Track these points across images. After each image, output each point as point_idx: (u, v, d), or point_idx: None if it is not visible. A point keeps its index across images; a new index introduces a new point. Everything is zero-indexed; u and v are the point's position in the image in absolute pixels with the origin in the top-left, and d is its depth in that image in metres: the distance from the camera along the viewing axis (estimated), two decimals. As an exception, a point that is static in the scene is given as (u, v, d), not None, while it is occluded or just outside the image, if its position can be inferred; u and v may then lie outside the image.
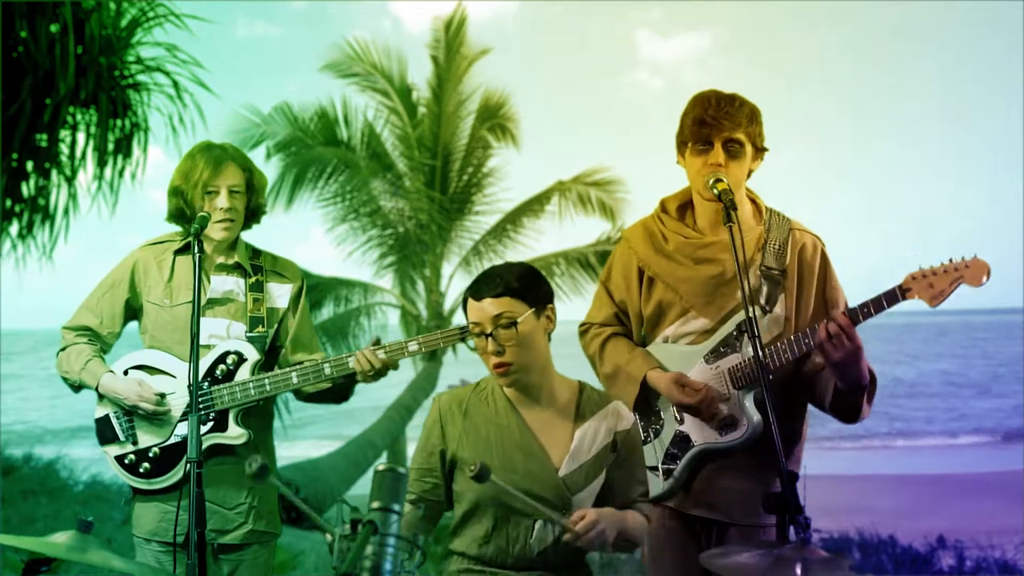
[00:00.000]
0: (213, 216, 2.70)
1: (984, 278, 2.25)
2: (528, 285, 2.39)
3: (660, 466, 2.67)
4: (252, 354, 2.72)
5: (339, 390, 2.78)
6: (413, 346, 2.66)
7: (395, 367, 2.70)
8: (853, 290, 2.65)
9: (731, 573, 2.03)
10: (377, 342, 2.67)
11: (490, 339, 2.34)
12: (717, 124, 2.48)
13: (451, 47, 13.60)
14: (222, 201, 2.70)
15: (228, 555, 2.70)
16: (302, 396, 2.85)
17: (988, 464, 16.76)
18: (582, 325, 2.87)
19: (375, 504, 1.62)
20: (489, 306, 2.35)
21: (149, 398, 2.66)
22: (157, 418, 2.70)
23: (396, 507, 1.62)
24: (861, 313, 2.37)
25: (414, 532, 2.42)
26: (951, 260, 2.30)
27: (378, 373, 2.67)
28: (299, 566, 6.65)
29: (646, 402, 2.71)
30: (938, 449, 20.76)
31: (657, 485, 2.67)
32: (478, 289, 2.39)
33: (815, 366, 2.57)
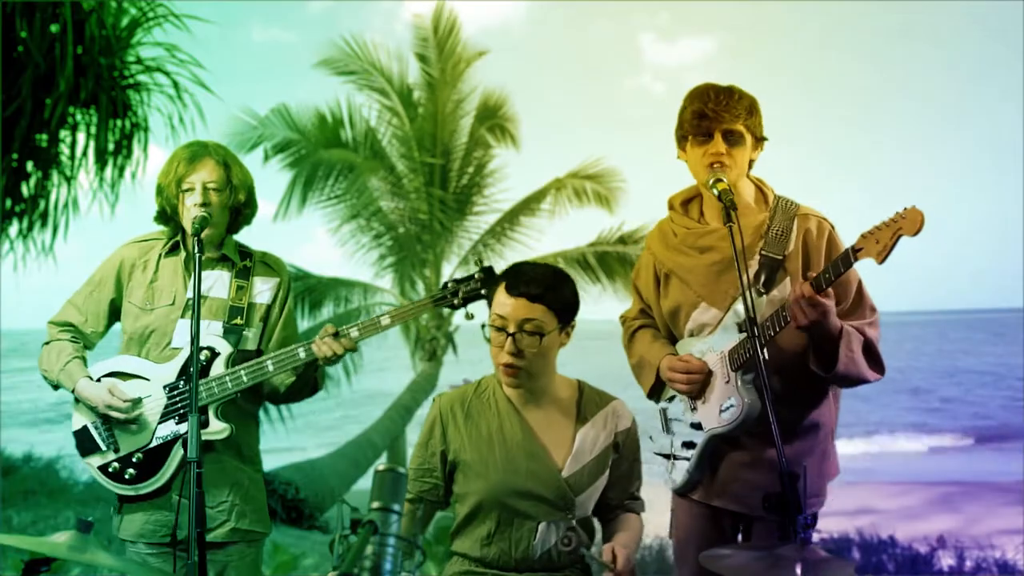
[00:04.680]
0: (188, 213, 2.64)
1: (919, 225, 2.23)
2: (565, 300, 2.38)
3: (678, 455, 2.67)
4: (224, 348, 2.67)
5: (309, 381, 2.76)
6: (385, 320, 2.64)
7: (354, 350, 2.67)
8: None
9: (731, 573, 2.03)
10: (335, 333, 2.62)
11: (511, 339, 2.32)
12: (717, 116, 2.50)
13: (443, 47, 13.58)
14: (195, 197, 2.64)
15: (214, 554, 2.65)
16: (279, 399, 2.83)
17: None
18: (621, 318, 2.92)
19: (375, 504, 1.62)
20: (522, 307, 2.31)
21: (119, 405, 2.61)
22: (134, 424, 2.65)
23: (396, 507, 1.62)
24: (823, 279, 2.39)
25: (413, 532, 2.42)
26: (895, 212, 2.29)
27: (338, 357, 2.64)
28: (299, 566, 6.65)
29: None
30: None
31: (676, 475, 2.68)
32: (517, 284, 2.34)
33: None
